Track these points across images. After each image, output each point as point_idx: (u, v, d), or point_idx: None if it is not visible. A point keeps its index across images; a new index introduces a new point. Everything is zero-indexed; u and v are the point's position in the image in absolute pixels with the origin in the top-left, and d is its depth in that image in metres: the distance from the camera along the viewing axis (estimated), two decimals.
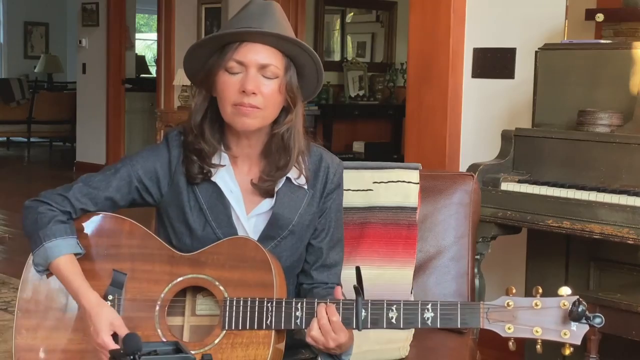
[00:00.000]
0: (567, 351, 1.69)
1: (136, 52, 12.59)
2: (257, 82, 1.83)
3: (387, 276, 2.31)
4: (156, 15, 8.70)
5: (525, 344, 3.38)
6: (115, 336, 1.79)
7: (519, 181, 3.04)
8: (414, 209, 2.38)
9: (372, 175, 2.41)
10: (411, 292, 2.33)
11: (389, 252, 2.35)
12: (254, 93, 1.83)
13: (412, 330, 2.33)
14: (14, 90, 11.47)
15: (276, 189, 1.93)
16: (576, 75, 3.16)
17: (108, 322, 1.79)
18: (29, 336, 1.90)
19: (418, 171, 2.42)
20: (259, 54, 1.84)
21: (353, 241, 2.33)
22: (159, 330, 1.84)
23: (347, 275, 2.04)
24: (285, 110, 1.91)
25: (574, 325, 1.67)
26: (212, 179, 1.92)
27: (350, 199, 2.39)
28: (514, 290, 1.73)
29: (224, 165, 1.92)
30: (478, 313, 1.73)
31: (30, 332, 1.91)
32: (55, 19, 13.88)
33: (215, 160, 1.92)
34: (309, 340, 1.80)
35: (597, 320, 1.65)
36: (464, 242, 2.43)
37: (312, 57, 1.90)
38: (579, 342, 1.68)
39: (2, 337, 3.84)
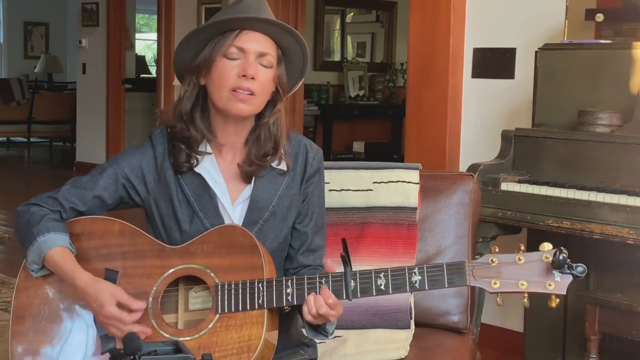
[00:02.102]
0: (554, 303, 1.71)
1: (136, 52, 12.59)
2: (256, 69, 1.89)
3: None
4: (156, 15, 8.70)
5: (525, 343, 3.38)
6: (119, 306, 1.81)
7: (519, 181, 3.04)
8: (414, 209, 2.38)
9: (372, 175, 2.41)
10: (411, 293, 2.33)
11: (389, 252, 2.35)
12: (252, 78, 1.88)
13: (412, 330, 2.34)
14: (14, 90, 11.46)
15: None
16: (576, 75, 3.16)
17: (109, 293, 1.82)
18: (25, 342, 1.91)
19: (418, 171, 2.42)
20: (258, 42, 1.90)
21: (353, 241, 2.33)
22: (153, 321, 1.85)
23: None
24: (272, 101, 1.96)
25: (557, 276, 1.70)
26: (197, 169, 1.95)
27: (350, 199, 2.39)
28: (497, 249, 1.76)
29: (210, 153, 1.96)
30: (464, 271, 1.75)
31: (26, 338, 1.91)
32: (55, 19, 13.88)
33: (201, 148, 1.96)
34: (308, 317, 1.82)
35: (580, 269, 1.68)
36: (464, 242, 2.43)
37: (304, 52, 1.97)
38: (564, 292, 1.70)
39: (2, 337, 3.84)
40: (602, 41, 3.19)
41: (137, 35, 13.52)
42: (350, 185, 2.39)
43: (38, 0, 13.68)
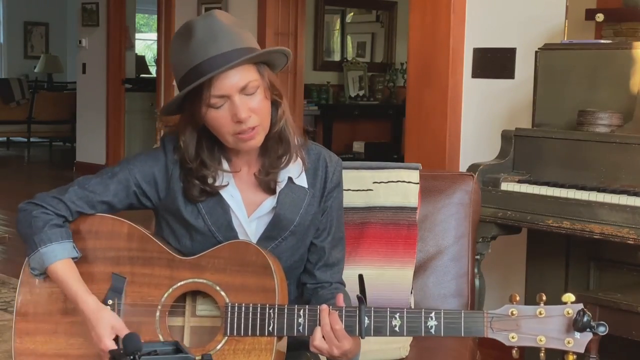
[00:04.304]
0: (571, 358, 1.69)
1: (136, 52, 12.58)
2: (246, 105, 1.80)
3: (387, 276, 2.31)
4: (156, 15, 8.70)
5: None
6: (117, 339, 1.78)
7: (519, 181, 3.04)
8: (414, 209, 2.38)
9: (372, 175, 2.41)
10: (411, 293, 2.33)
11: (389, 252, 2.35)
12: (248, 116, 1.81)
13: None
14: (14, 90, 11.47)
15: (278, 190, 1.92)
16: (576, 75, 3.16)
17: (109, 325, 1.79)
18: (28, 340, 1.89)
19: (418, 171, 2.42)
20: (234, 78, 1.79)
21: (353, 241, 2.33)
22: (160, 336, 1.83)
23: (349, 276, 2.04)
24: (273, 106, 1.89)
25: (577, 334, 1.67)
26: None
27: (350, 199, 2.39)
28: (517, 298, 1.71)
29: (227, 185, 1.90)
30: (482, 322, 1.72)
31: (29, 337, 1.90)
32: (55, 19, 13.87)
33: (217, 180, 1.90)
34: (312, 349, 1.80)
35: (601, 328, 1.65)
36: (464, 242, 2.43)
37: (283, 53, 1.87)
38: (582, 351, 1.68)
39: (2, 337, 3.84)
40: (602, 41, 3.19)
41: (137, 35, 13.52)
42: (351, 185, 2.38)
43: (38, 0, 13.68)
